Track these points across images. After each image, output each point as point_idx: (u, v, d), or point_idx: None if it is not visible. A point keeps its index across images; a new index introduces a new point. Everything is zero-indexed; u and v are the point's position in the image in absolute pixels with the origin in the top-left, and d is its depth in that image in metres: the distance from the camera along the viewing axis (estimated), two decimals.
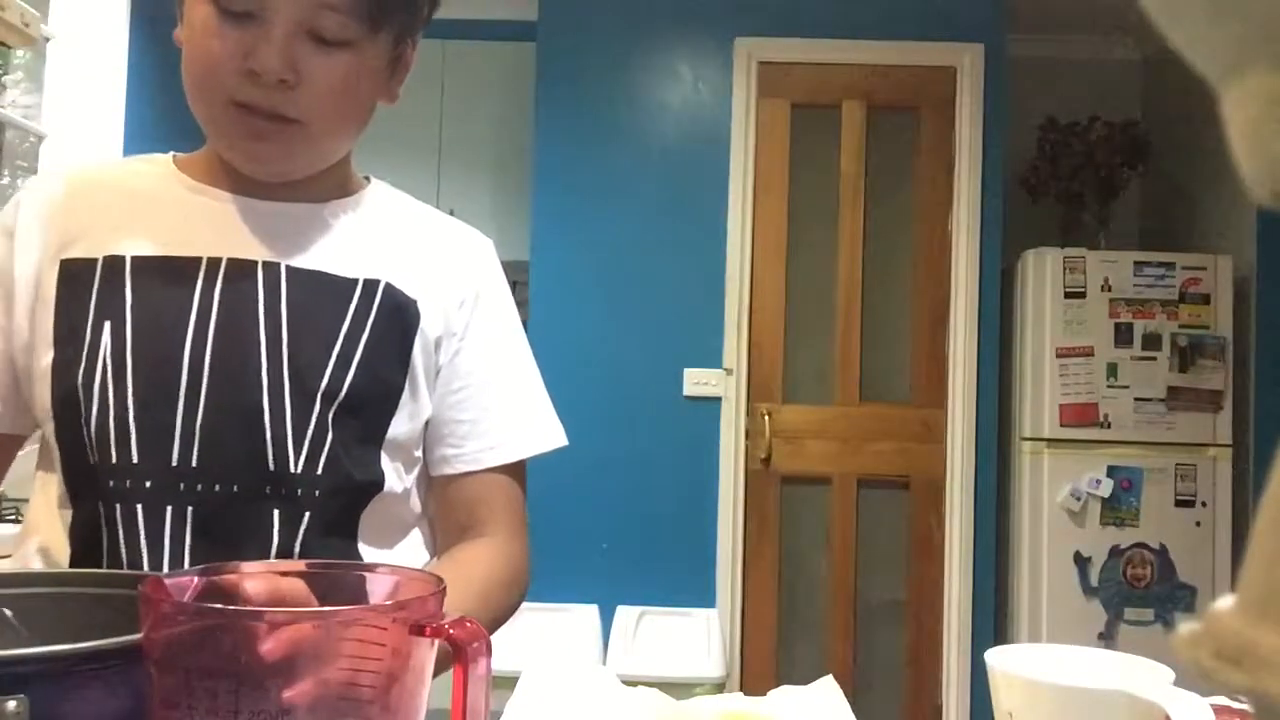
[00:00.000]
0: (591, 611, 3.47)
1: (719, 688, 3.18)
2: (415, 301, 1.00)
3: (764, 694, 0.89)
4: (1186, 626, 0.23)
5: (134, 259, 0.94)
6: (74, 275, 0.94)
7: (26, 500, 1.00)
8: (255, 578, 0.62)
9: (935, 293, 3.67)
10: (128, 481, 0.90)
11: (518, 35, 3.82)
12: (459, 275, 1.04)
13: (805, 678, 0.92)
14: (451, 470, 1.03)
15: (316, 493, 0.93)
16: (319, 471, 0.93)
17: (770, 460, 3.63)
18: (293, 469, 0.92)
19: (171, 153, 1.04)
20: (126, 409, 0.90)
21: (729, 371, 3.60)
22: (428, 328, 1.00)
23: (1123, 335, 3.50)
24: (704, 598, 3.55)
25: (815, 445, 3.66)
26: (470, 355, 1.03)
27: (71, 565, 0.92)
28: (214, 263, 0.95)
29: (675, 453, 3.59)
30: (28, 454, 1.03)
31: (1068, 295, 3.52)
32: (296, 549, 0.92)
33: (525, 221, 3.70)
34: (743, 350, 3.62)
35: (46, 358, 0.93)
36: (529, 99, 3.74)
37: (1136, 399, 3.49)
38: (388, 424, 0.97)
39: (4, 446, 1.00)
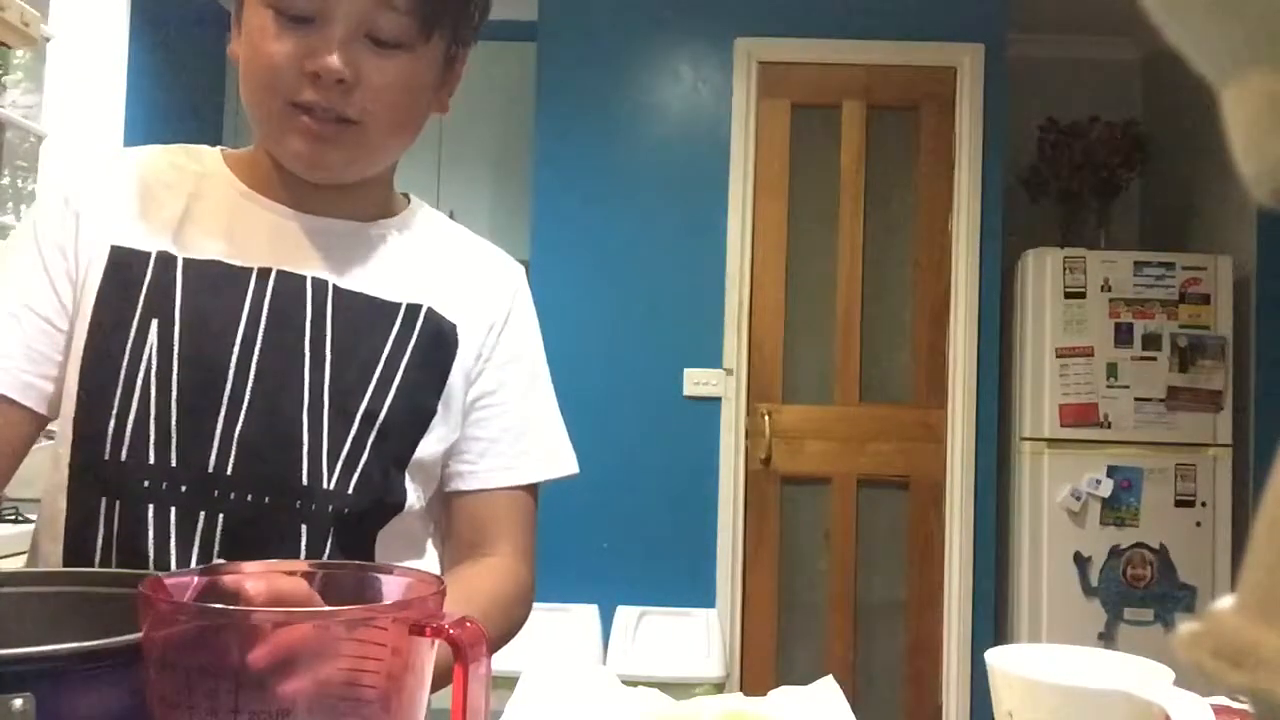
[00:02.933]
0: (591, 611, 3.47)
1: (719, 688, 3.18)
2: (455, 327, 1.02)
3: (764, 694, 0.89)
4: (1186, 626, 0.23)
5: (185, 260, 0.94)
6: (123, 264, 0.93)
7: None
8: (256, 577, 0.62)
9: (935, 293, 3.67)
10: (164, 484, 0.90)
11: (518, 35, 3.81)
12: (492, 300, 1.06)
13: (805, 678, 0.92)
14: (464, 486, 1.04)
15: (346, 510, 0.93)
16: (350, 491, 0.93)
17: (770, 460, 3.63)
18: (324, 486, 0.93)
19: (220, 147, 1.04)
20: (169, 411, 0.90)
21: (729, 371, 3.60)
22: (465, 353, 1.02)
23: (1123, 335, 3.50)
24: (704, 598, 3.54)
25: (815, 445, 3.65)
26: (492, 376, 1.04)
27: (65, 559, 0.91)
28: (264, 273, 0.95)
29: (675, 453, 3.58)
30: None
31: (1068, 295, 3.52)
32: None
33: (525, 221, 3.70)
34: (743, 350, 3.61)
35: (80, 340, 0.92)
36: (529, 99, 3.73)
37: (1136, 399, 3.48)
38: (416, 446, 0.98)
39: (34, 430, 0.95)
